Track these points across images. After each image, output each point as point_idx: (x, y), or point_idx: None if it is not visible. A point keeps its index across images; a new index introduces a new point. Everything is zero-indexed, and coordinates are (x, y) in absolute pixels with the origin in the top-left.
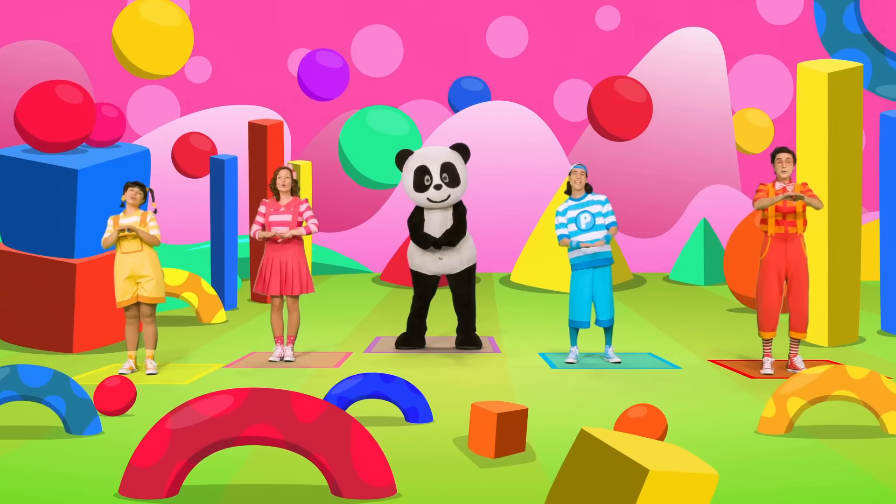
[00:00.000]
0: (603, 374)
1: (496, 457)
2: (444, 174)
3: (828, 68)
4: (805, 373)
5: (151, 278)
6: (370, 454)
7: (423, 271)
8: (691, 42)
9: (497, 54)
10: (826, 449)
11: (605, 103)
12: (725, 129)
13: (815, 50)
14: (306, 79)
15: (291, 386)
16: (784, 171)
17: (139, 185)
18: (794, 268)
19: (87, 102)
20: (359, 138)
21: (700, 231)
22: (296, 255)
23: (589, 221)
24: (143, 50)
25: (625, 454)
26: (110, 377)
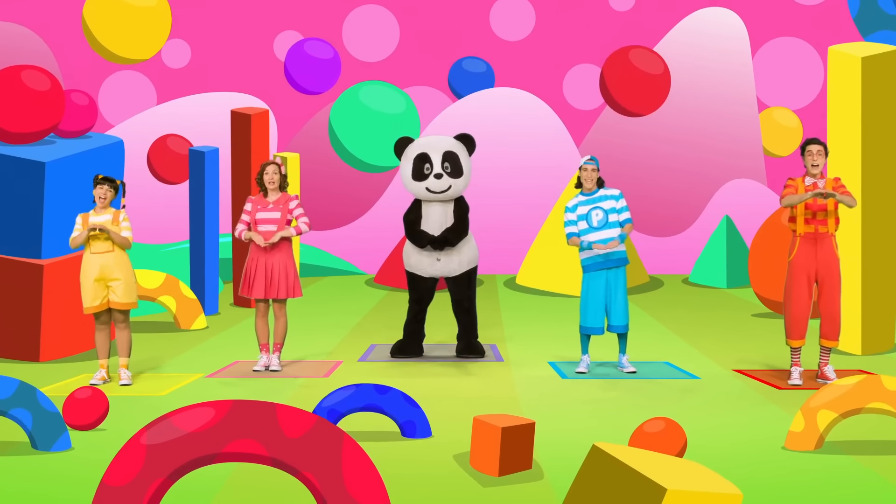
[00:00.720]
0: (616, 384)
1: (500, 475)
2: (446, 163)
3: (861, 52)
4: (837, 384)
5: (122, 281)
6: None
7: (420, 273)
8: (713, 24)
9: (501, 37)
10: (859, 466)
11: (619, 75)
12: (750, 119)
13: (848, 32)
14: (294, 70)
15: (278, 398)
16: (815, 166)
17: (109, 180)
18: (826, 270)
19: (55, 89)
20: (351, 117)
21: (722, 229)
22: (283, 257)
23: (601, 219)
24: (117, 32)
25: (640, 472)
26: (80, 388)
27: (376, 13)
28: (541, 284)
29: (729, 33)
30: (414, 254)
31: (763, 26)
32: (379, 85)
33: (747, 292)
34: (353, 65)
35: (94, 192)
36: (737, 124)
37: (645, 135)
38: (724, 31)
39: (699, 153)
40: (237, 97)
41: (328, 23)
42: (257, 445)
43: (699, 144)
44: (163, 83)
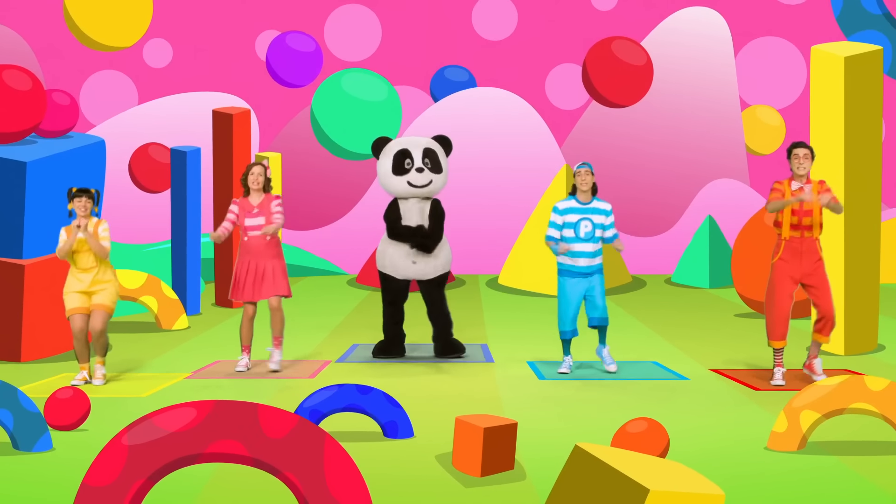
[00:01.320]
0: (599, 385)
1: (483, 475)
2: (426, 159)
3: (844, 51)
4: (820, 384)
5: (106, 291)
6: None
7: (394, 275)
8: (695, 23)
9: (484, 37)
10: (842, 467)
11: (602, 66)
12: (733, 119)
13: (831, 31)
14: (275, 63)
15: (260, 398)
16: (801, 168)
17: (85, 191)
18: (813, 273)
19: (36, 89)
20: (333, 104)
21: (705, 229)
22: (272, 259)
23: (589, 231)
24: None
25: (623, 472)
26: (62, 388)
27: (358, 12)
28: (523, 284)
29: (711, 33)
30: (389, 255)
31: (746, 26)
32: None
33: (730, 292)
34: (335, 64)
35: (74, 205)
36: (719, 124)
37: (628, 135)
38: (706, 30)
39: (682, 153)
40: (219, 97)
41: (310, 22)
42: (239, 446)
43: (682, 144)
44: (144, 83)
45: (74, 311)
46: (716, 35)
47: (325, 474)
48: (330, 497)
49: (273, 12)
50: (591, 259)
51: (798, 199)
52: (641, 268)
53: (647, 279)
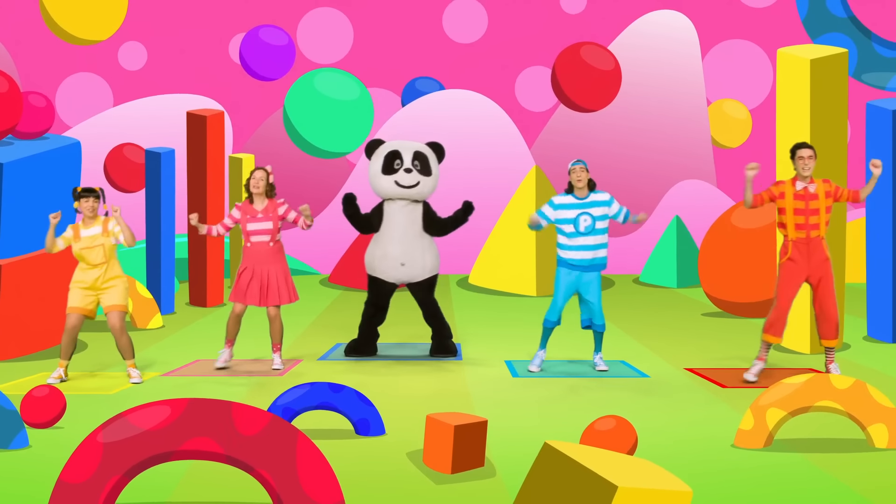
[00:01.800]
0: (568, 383)
1: (453, 472)
2: (416, 161)
3: (810, 54)
4: (785, 382)
5: (116, 288)
6: (317, 469)
7: (383, 277)
8: (663, 26)
9: (454, 39)
10: (808, 464)
11: (571, 71)
12: (700, 120)
13: (797, 34)
14: (249, 57)
15: (233, 397)
16: (806, 169)
17: (91, 191)
18: (820, 273)
19: (12, 91)
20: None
21: (672, 229)
22: (277, 264)
23: (589, 225)
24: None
25: (591, 469)
26: (38, 387)
27: (330, 15)
28: (493, 284)
29: (679, 36)
30: (378, 258)
31: (713, 28)
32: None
33: (697, 292)
34: (308, 66)
35: (80, 206)
36: (687, 126)
37: (596, 136)
38: (674, 33)
39: (650, 154)
40: (193, 99)
41: (283, 25)
42: (213, 443)
43: (650, 146)
44: (119, 85)
45: (74, 310)
46: (683, 38)
47: (297, 471)
48: (302, 493)
49: (246, 15)
50: (592, 252)
51: (751, 175)
52: (610, 267)
53: (615, 279)
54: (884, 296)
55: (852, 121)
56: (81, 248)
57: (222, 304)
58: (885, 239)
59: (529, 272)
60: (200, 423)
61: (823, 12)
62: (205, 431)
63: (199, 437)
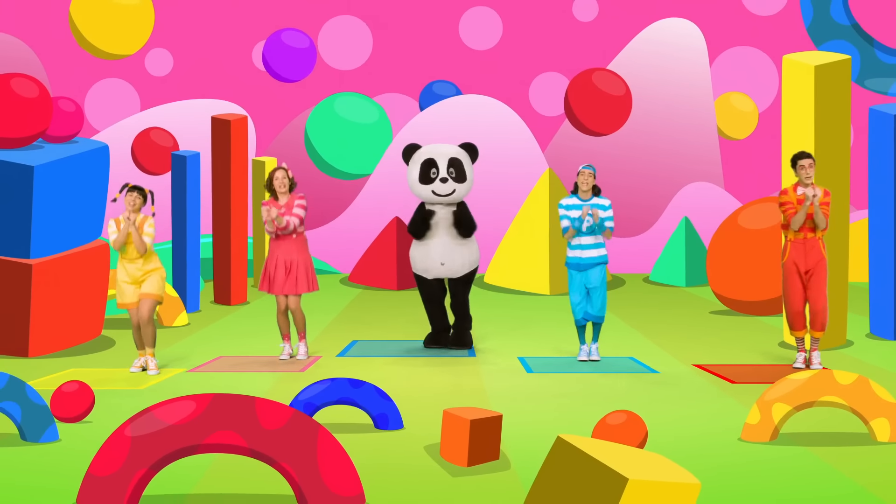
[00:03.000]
0: (581, 379)
1: (469, 465)
2: (451, 169)
3: (814, 61)
4: (791, 378)
5: (153, 278)
6: (338, 462)
7: (426, 275)
8: (672, 34)
9: (470, 46)
10: (812, 457)
11: (583, 97)
12: (708, 124)
13: (802, 41)
14: (271, 59)
15: (256, 392)
16: (808, 178)
17: (139, 188)
18: (813, 270)
19: (43, 96)
20: (326, 126)
21: (681, 230)
22: (300, 253)
23: (590, 225)
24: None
25: (603, 462)
26: (68, 382)
27: (350, 23)
28: (508, 283)
29: (688, 43)
30: (419, 258)
31: (720, 36)
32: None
33: (705, 290)
34: (328, 73)
35: (125, 198)
36: (695, 130)
37: (608, 140)
38: (683, 40)
39: (659, 157)
40: (217, 104)
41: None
42: (236, 437)
43: (660, 149)
44: (146, 90)
45: (129, 306)
46: (692, 45)
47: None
48: (323, 486)
49: (269, 23)
50: (593, 251)
51: (810, 202)
52: (621, 267)
53: (626, 278)
54: (886, 294)
55: (855, 125)
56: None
57: (245, 302)
58: (887, 238)
59: (543, 271)
60: (225, 417)
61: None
62: (229, 426)
63: (224, 431)
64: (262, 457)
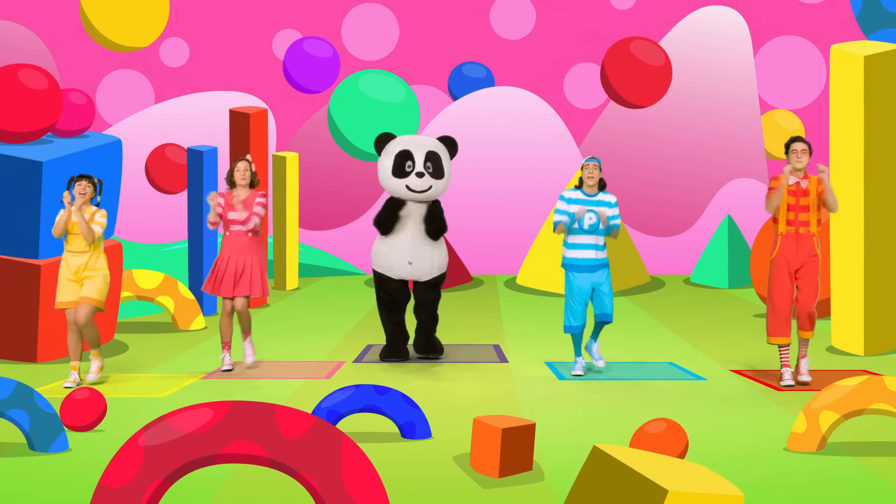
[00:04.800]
0: (617, 385)
1: (501, 476)
2: (428, 163)
3: (864, 50)
4: (839, 384)
5: (95, 280)
6: (363, 473)
7: (389, 275)
8: (714, 22)
9: (502, 36)
10: (863, 467)
11: (621, 66)
12: (752, 118)
13: (850, 31)
14: (293, 69)
15: (277, 399)
16: (799, 162)
17: (87, 177)
18: (804, 267)
19: (52, 88)
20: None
21: (724, 229)
22: (253, 256)
23: (593, 223)
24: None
25: (642, 473)
26: (78, 389)
27: (376, 11)
28: (541, 285)
29: (731, 32)
30: (384, 255)
31: (765, 25)
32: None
33: (749, 292)
34: (353, 63)
35: (75, 188)
36: (739, 124)
37: (646, 134)
38: (725, 29)
39: (701, 153)
40: (236, 96)
41: (327, 21)
42: (256, 447)
43: (701, 144)
44: (161, 82)
45: (65, 305)
46: (735, 34)
47: (342, 475)
48: (347, 498)
49: (290, 12)
50: (596, 251)
51: (783, 186)
52: (660, 268)
53: (665, 279)
54: None
55: None
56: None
57: (265, 304)
58: None
59: None
60: (243, 426)
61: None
62: (248, 435)
63: (242, 441)
64: (283, 467)
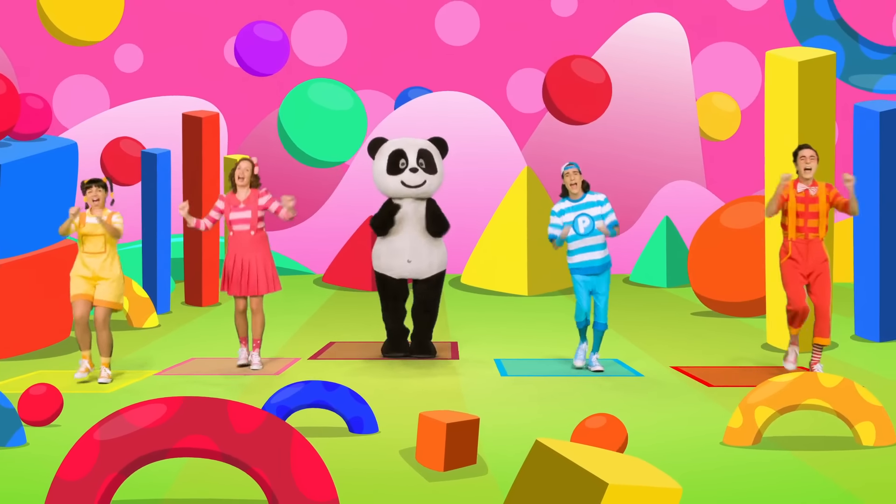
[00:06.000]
0: (559, 381)
1: (445, 469)
2: (421, 160)
3: (798, 56)
4: (774, 380)
5: (110, 281)
6: (312, 467)
7: (390, 274)
8: (653, 28)
9: (446, 42)
10: (796, 461)
11: (562, 85)
12: (689, 122)
13: (785, 37)
14: (243, 52)
15: (228, 395)
16: (808, 170)
17: (97, 181)
18: (816, 273)
19: (10, 93)
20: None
21: (662, 230)
22: (259, 254)
23: (588, 226)
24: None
25: (582, 467)
26: (35, 385)
27: (324, 18)
28: (485, 284)
29: (669, 38)
30: (384, 255)
31: (702, 31)
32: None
33: (686, 291)
34: (302, 69)
35: (86, 196)
36: (676, 127)
37: (587, 138)
38: (664, 35)
39: (639, 156)
40: (188, 101)
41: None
42: (208, 441)
43: (640, 147)
44: (116, 87)
45: (78, 297)
46: (673, 40)
47: (292, 468)
48: (297, 491)
49: (241, 18)
50: (596, 253)
51: (783, 185)
52: None
53: None
54: (871, 295)
55: (840, 122)
56: (84, 233)
57: (217, 303)
58: (871, 239)
59: (521, 272)
60: (196, 421)
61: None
62: (200, 429)
63: (195, 435)
64: (235, 461)
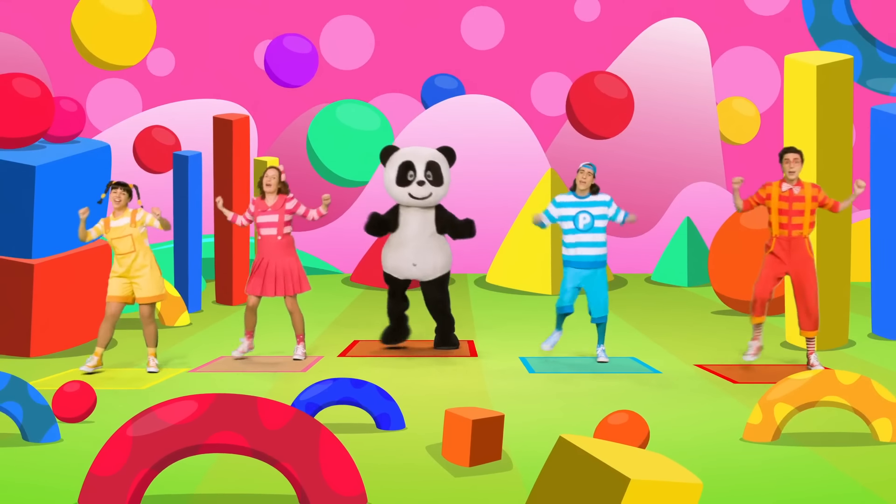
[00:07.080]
0: (583, 379)
1: (471, 465)
2: (429, 172)
3: (816, 61)
4: (793, 378)
5: (145, 278)
6: (340, 462)
7: (396, 275)
8: (674, 33)
9: (472, 46)
10: (815, 457)
11: (585, 100)
12: (710, 124)
13: (804, 41)
14: (273, 64)
15: (258, 392)
16: (791, 172)
17: (122, 184)
18: (799, 270)
19: (45, 96)
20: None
21: (683, 230)
22: (287, 256)
23: (588, 223)
24: (104, 39)
25: (605, 462)
26: (70, 382)
27: (352, 23)
28: (510, 283)
29: (690, 43)
30: (391, 257)
31: (722, 36)
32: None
33: (707, 290)
34: (330, 73)
35: (111, 196)
36: (697, 129)
37: (609, 140)
38: (685, 40)
39: (661, 158)
40: (219, 104)
41: (306, 32)
42: (238, 437)
43: (662, 149)
44: (148, 90)
45: (112, 298)
46: (694, 45)
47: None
48: (325, 486)
49: (271, 23)
50: (591, 249)
51: (737, 186)
52: (623, 267)
53: (627, 278)
54: (888, 294)
55: (857, 125)
56: (111, 238)
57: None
58: (889, 238)
59: (545, 271)
60: (227, 417)
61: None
62: (231, 426)
63: (226, 432)
64: (264, 457)
